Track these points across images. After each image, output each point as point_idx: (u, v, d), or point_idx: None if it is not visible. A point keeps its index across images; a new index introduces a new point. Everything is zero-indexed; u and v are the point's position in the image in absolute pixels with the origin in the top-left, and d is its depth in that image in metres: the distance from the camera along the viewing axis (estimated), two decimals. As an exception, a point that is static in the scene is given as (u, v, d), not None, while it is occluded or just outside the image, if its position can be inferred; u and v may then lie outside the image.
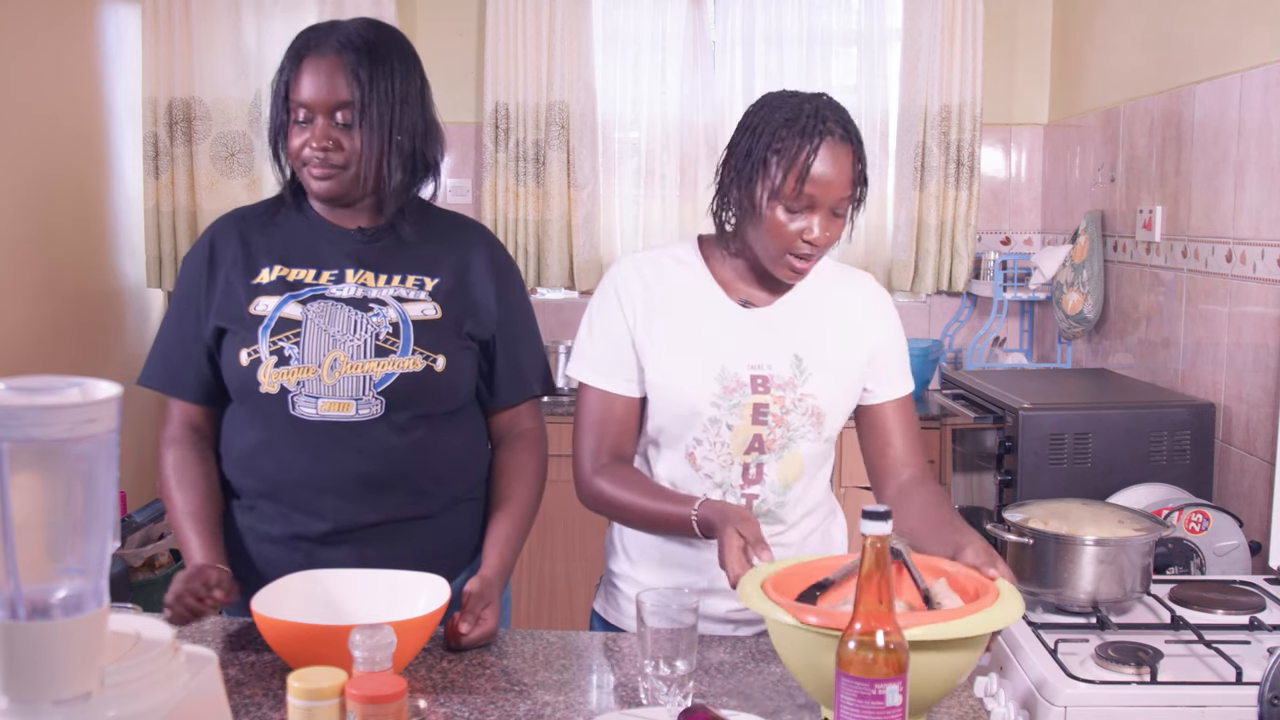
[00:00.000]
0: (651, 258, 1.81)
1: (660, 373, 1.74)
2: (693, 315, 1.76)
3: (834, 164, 1.63)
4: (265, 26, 3.99)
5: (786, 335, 1.76)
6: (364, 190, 1.74)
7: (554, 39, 3.95)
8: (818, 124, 1.63)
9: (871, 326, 1.82)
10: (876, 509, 1.16)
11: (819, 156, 1.62)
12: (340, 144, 1.69)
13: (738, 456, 1.74)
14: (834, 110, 1.67)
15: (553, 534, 3.61)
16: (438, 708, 1.43)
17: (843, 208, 1.67)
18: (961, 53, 3.88)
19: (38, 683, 0.88)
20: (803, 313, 1.79)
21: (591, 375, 1.78)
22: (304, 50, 1.71)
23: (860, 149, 1.67)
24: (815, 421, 1.75)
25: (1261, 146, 2.49)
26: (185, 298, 1.79)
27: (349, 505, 1.71)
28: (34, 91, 3.39)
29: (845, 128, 1.65)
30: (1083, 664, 1.73)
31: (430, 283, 1.77)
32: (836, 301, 1.82)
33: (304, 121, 1.70)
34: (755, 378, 1.73)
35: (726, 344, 1.74)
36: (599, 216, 4.07)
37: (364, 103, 1.68)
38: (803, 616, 1.30)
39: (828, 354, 1.77)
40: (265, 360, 1.69)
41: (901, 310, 4.21)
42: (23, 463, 0.86)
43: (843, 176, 1.64)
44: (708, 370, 1.73)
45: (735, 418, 1.73)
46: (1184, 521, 2.22)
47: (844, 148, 1.64)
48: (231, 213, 1.86)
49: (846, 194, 1.66)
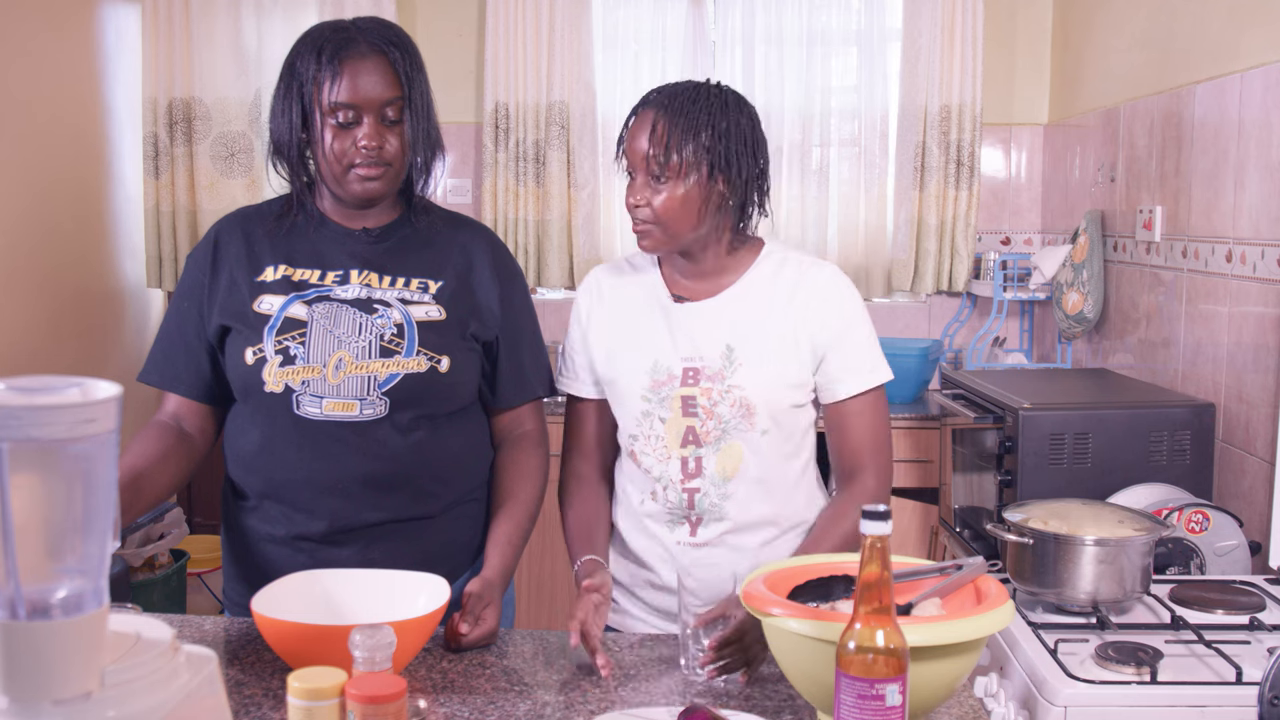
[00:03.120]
0: (613, 264, 1.92)
1: (601, 370, 1.83)
2: (633, 313, 1.82)
3: (640, 130, 1.71)
4: (265, 26, 3.99)
5: (720, 327, 1.76)
6: (397, 188, 1.76)
7: (554, 39, 3.95)
8: (648, 96, 1.72)
9: (819, 319, 1.75)
10: (876, 509, 1.16)
11: (634, 121, 1.72)
12: (392, 142, 1.71)
13: (674, 450, 1.75)
14: (676, 87, 1.72)
15: (553, 534, 3.61)
16: (438, 708, 1.44)
17: (660, 174, 1.68)
18: (961, 53, 3.88)
19: (38, 683, 0.88)
20: (743, 304, 1.77)
21: (563, 382, 1.91)
22: (339, 52, 1.68)
23: (681, 118, 1.67)
24: (745, 413, 1.73)
25: (1261, 146, 2.49)
26: (187, 294, 1.79)
27: (351, 505, 1.72)
28: (34, 91, 3.39)
29: (672, 100, 1.69)
30: (1083, 664, 1.73)
31: (434, 285, 1.77)
32: (786, 292, 1.77)
33: (346, 124, 1.69)
34: (687, 370, 1.75)
35: (660, 338, 1.78)
36: (599, 216, 4.07)
37: (410, 98, 1.71)
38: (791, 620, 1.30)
39: (764, 346, 1.74)
40: (270, 359, 1.69)
41: (901, 310, 4.24)
42: (23, 463, 0.86)
43: (644, 140, 1.69)
44: (640, 364, 1.77)
45: (665, 410, 1.75)
46: (1184, 521, 2.22)
47: (651, 114, 1.69)
48: (236, 211, 1.86)
49: (654, 155, 1.68)
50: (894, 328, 4.17)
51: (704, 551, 1.77)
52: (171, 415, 1.80)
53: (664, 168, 1.67)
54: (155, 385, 1.81)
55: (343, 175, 1.71)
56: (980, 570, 1.44)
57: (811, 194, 4.01)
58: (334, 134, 1.69)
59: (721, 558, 1.77)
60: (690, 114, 1.67)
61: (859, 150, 4.01)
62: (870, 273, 4.03)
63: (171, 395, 1.80)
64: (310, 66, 1.70)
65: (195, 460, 1.79)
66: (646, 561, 1.82)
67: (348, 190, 1.73)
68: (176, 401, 1.80)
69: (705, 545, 1.77)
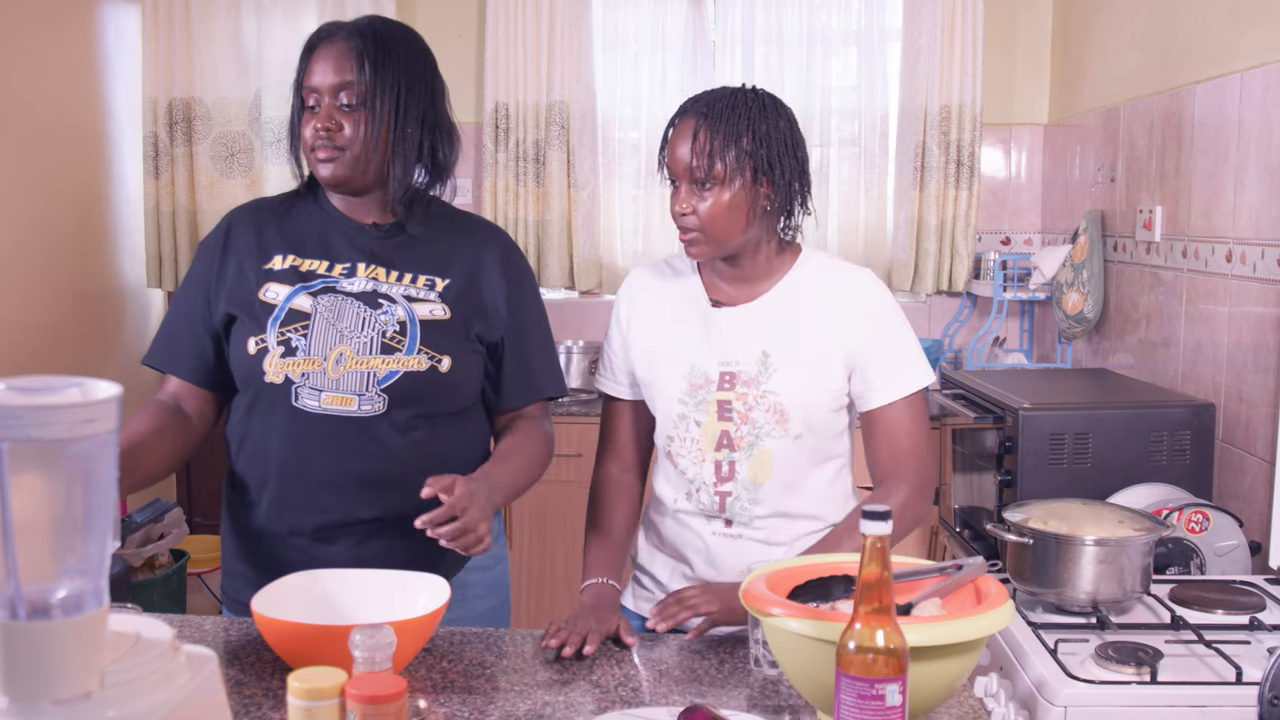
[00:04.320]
0: (653, 265, 1.92)
1: (640, 373, 1.85)
2: (672, 316, 1.84)
3: (681, 139, 1.70)
4: (265, 26, 3.99)
5: (758, 332, 1.77)
6: (367, 178, 1.75)
7: (554, 39, 3.95)
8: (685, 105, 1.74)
9: (855, 326, 1.76)
10: (876, 509, 1.16)
11: (674, 131, 1.73)
12: (342, 125, 1.71)
13: (709, 453, 1.77)
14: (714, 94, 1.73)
15: (553, 534, 3.61)
16: (438, 708, 1.44)
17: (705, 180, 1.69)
18: (961, 53, 3.88)
19: (38, 683, 0.88)
20: (780, 310, 1.79)
21: (600, 381, 1.94)
22: (317, 40, 1.75)
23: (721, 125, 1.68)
24: (779, 419, 1.74)
25: (1261, 146, 2.49)
26: (196, 280, 1.80)
27: (345, 500, 1.72)
28: (34, 91, 3.39)
29: (710, 107, 1.70)
30: (1083, 664, 1.73)
31: (441, 283, 1.77)
32: (822, 299, 1.79)
33: (313, 107, 1.73)
34: (724, 374, 1.77)
35: (698, 342, 1.80)
36: (599, 216, 4.07)
37: (367, 85, 1.71)
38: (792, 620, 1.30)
39: (799, 351, 1.76)
40: (272, 350, 1.70)
41: (901, 310, 4.23)
42: (23, 463, 0.86)
43: (686, 149, 1.70)
44: (678, 368, 1.79)
45: (701, 414, 1.77)
46: (1184, 521, 2.22)
47: (692, 123, 1.70)
48: (249, 202, 1.88)
49: (698, 164, 1.68)
50: (894, 328, 4.16)
51: (739, 544, 1.80)
52: (171, 395, 1.80)
53: (709, 175, 1.68)
54: (157, 367, 1.81)
55: (309, 158, 1.75)
56: (980, 570, 1.44)
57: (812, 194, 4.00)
58: (306, 118, 1.74)
59: (755, 551, 1.79)
60: (730, 120, 1.68)
61: (859, 150, 4.01)
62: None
63: (172, 378, 1.80)
64: (301, 58, 1.76)
65: (192, 441, 1.78)
66: (684, 555, 1.84)
67: (317, 175, 1.76)
68: (177, 384, 1.80)
69: (739, 538, 1.80)
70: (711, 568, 1.81)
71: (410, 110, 1.74)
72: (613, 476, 1.90)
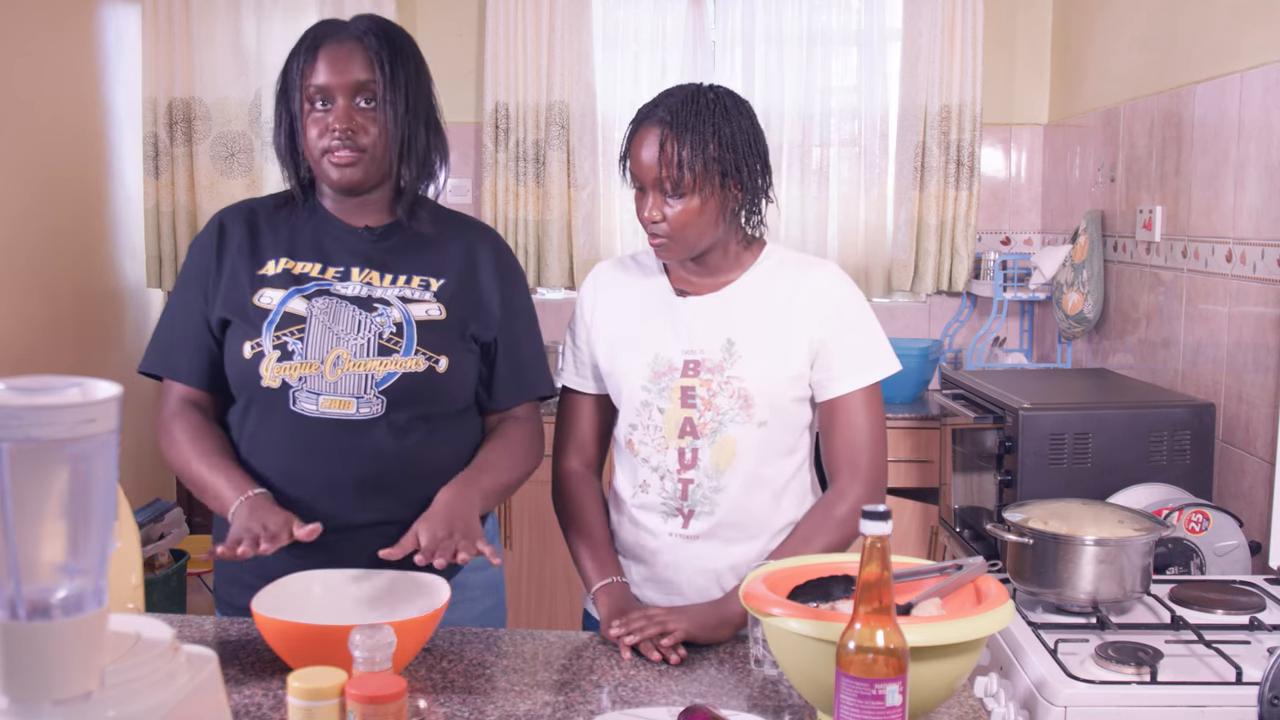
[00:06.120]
0: (617, 260, 1.95)
1: (603, 363, 1.85)
2: (636, 307, 1.85)
3: (646, 147, 1.70)
4: (265, 26, 3.99)
5: (723, 320, 1.78)
6: (380, 180, 1.75)
7: (554, 39, 3.95)
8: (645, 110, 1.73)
9: (818, 316, 1.76)
10: (876, 509, 1.16)
11: (638, 138, 1.72)
12: (366, 127, 1.70)
13: (672, 440, 1.77)
14: (673, 98, 1.72)
15: (552, 534, 3.60)
16: (438, 708, 1.43)
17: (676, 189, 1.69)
18: (961, 53, 3.88)
19: (38, 683, 0.88)
20: (744, 299, 1.79)
21: (563, 375, 1.93)
22: (320, 40, 1.72)
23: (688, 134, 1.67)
24: (743, 404, 1.74)
25: (1261, 146, 2.49)
26: (192, 282, 1.78)
27: (343, 504, 1.71)
28: (34, 91, 3.39)
29: (674, 115, 1.69)
30: (1083, 664, 1.73)
31: (435, 284, 1.77)
32: (786, 289, 1.79)
33: (323, 108, 1.70)
34: (688, 362, 1.77)
35: (662, 330, 1.80)
36: (599, 216, 4.07)
37: (385, 86, 1.70)
38: (792, 620, 1.30)
39: (763, 339, 1.76)
40: (268, 354, 1.69)
41: (901, 310, 4.24)
42: (23, 463, 0.86)
43: (652, 158, 1.69)
44: (642, 356, 1.80)
45: (665, 401, 1.77)
46: (1184, 521, 2.22)
47: (657, 131, 1.69)
48: (240, 203, 1.86)
49: (666, 175, 1.68)
50: (894, 328, 4.16)
51: (696, 545, 1.78)
52: (184, 402, 1.76)
53: (678, 185, 1.68)
54: (158, 373, 1.78)
55: (320, 161, 1.72)
56: (980, 570, 1.44)
57: (811, 194, 4.01)
58: (312, 120, 1.71)
59: (713, 551, 1.78)
60: (696, 128, 1.68)
61: (859, 150, 4.01)
62: (870, 273, 4.03)
63: (174, 384, 1.77)
64: (299, 59, 1.73)
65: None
66: (641, 557, 1.83)
67: (327, 178, 1.74)
68: (182, 390, 1.77)
69: (697, 538, 1.78)
70: (670, 570, 1.80)
71: (419, 110, 1.75)
72: (578, 473, 1.88)
